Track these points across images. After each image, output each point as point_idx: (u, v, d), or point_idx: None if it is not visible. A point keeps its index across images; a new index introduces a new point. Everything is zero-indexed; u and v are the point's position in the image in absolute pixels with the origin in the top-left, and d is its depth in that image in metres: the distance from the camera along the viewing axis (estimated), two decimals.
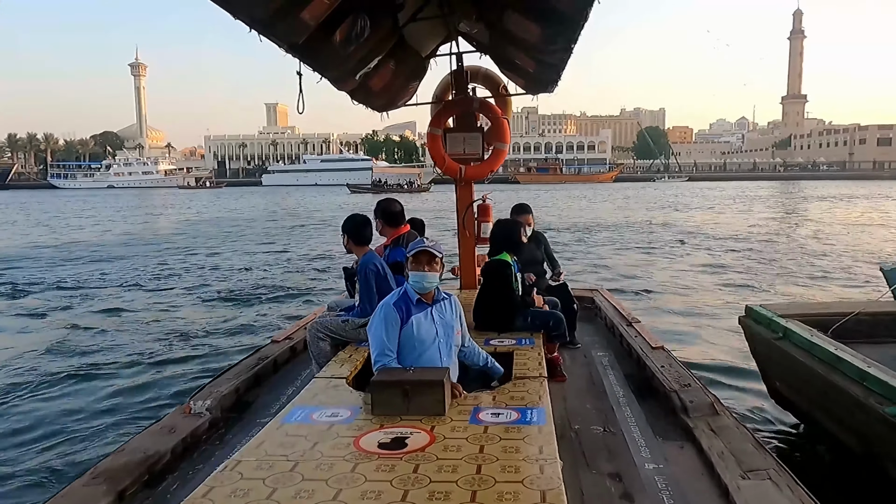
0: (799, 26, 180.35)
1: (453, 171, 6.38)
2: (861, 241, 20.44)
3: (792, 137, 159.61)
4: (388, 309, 3.27)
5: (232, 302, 12.15)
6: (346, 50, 3.91)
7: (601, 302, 6.74)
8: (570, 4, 3.31)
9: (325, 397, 3.16)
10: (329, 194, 72.28)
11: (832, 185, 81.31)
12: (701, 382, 4.17)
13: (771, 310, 5.28)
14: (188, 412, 3.88)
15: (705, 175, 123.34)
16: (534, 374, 3.44)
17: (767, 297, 11.65)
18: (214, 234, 27.03)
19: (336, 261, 17.39)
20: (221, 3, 2.87)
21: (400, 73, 5.49)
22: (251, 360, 4.97)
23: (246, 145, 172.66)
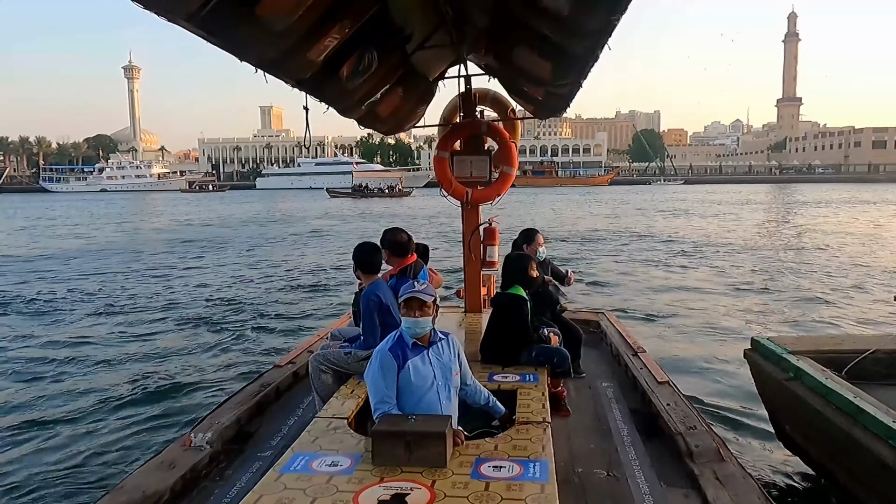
0: (793, 29, 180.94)
1: (460, 195, 6.29)
2: (869, 253, 19.91)
3: (787, 140, 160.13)
4: (384, 355, 3.23)
5: (230, 321, 11.61)
6: (353, 83, 3.89)
7: (607, 327, 6.64)
8: (581, 45, 3.28)
9: (325, 442, 3.13)
10: (321, 199, 72.00)
11: (830, 188, 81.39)
12: (707, 423, 4.12)
13: (780, 344, 4.88)
14: (188, 445, 3.83)
15: (701, 178, 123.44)
16: (537, 418, 3.41)
17: (774, 319, 11.16)
18: (206, 242, 26.57)
19: (326, 274, 16.96)
20: (229, 49, 2.88)
21: (408, 99, 5.43)
22: (253, 386, 4.93)
23: (240, 148, 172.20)
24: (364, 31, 3.58)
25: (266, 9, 2.74)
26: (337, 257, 20.23)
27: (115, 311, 12.63)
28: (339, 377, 4.26)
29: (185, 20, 2.49)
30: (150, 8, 2.29)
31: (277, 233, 31.00)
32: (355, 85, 4.00)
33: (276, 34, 2.93)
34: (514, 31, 4.07)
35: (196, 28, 2.55)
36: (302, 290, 14.92)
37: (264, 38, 2.94)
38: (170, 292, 14.79)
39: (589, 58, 3.47)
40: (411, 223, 33.19)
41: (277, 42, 3.03)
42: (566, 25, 3.12)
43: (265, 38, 2.94)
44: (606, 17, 2.75)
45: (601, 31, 2.95)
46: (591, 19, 2.89)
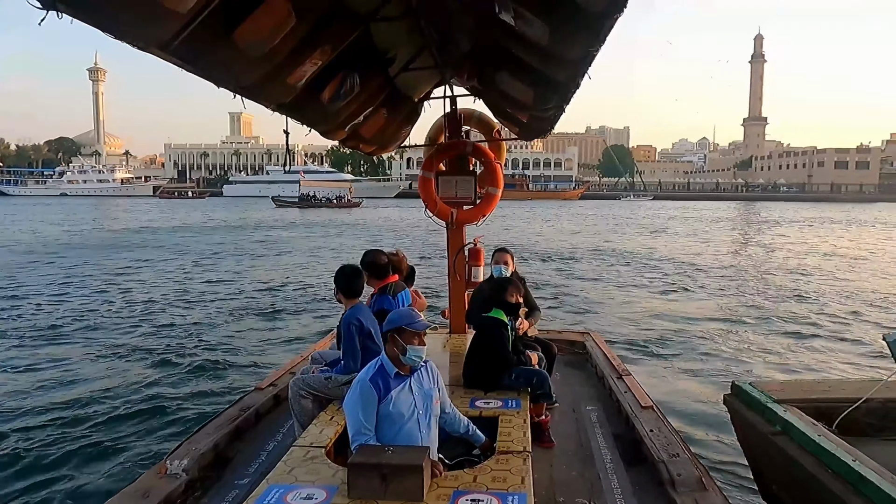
0: (760, 50, 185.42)
1: (445, 215, 6.26)
2: (846, 276, 19.86)
3: (753, 159, 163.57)
4: (365, 386, 3.15)
5: (206, 341, 10.95)
6: (335, 106, 3.83)
7: (592, 348, 6.57)
8: (562, 73, 3.35)
9: (302, 472, 3.08)
10: (267, 207, 70.52)
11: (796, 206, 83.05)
12: (690, 451, 4.09)
13: (764, 391, 4.48)
14: (164, 473, 3.73)
15: (670, 194, 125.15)
16: (518, 447, 3.38)
17: (755, 344, 10.88)
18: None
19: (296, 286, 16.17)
20: (204, 76, 2.84)
21: (392, 120, 5.36)
22: (233, 410, 4.84)
23: (208, 154, 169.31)
24: (346, 54, 3.53)
25: (243, 35, 2.67)
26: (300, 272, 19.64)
27: (85, 327, 11.93)
28: (320, 402, 4.20)
29: (159, 49, 2.46)
30: (123, 38, 2.27)
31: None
32: (337, 108, 3.94)
33: (254, 60, 2.85)
34: (496, 57, 4.09)
35: (171, 56, 2.51)
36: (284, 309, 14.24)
37: (242, 64, 2.87)
38: (128, 307, 14.00)
39: (570, 85, 3.53)
40: (361, 237, 32.96)
41: (255, 68, 2.96)
42: (546, 54, 3.15)
43: (242, 64, 2.87)
44: (584, 47, 2.80)
45: (580, 60, 3.01)
46: (569, 49, 2.93)
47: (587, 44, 2.76)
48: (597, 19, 2.54)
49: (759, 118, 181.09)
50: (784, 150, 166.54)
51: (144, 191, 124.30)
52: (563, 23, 2.75)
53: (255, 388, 5.44)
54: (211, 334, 11.42)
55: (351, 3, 3.51)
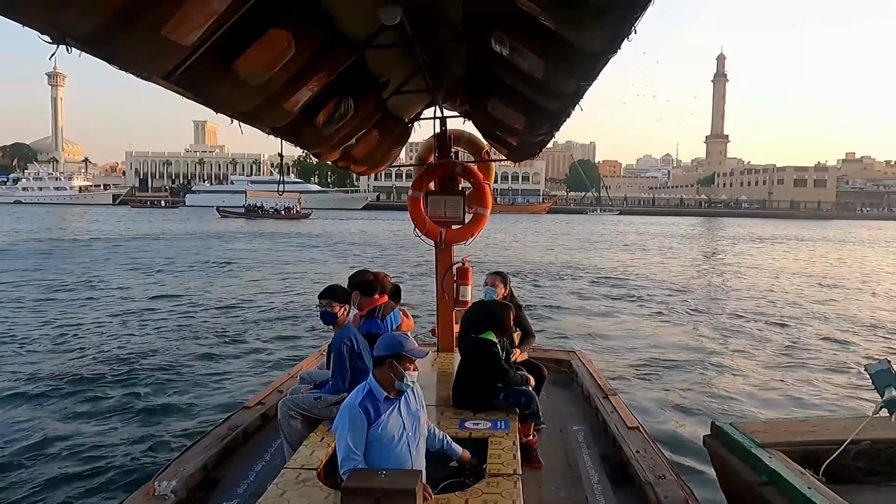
0: (722, 70, 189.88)
1: (434, 235, 6.30)
2: (824, 298, 19.64)
3: (715, 175, 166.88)
4: (354, 411, 3.11)
5: (195, 355, 10.79)
6: (329, 129, 3.90)
7: (578, 367, 6.61)
8: (554, 104, 3.42)
9: (294, 496, 3.07)
10: (212, 218, 68.35)
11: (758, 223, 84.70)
12: (675, 472, 4.11)
13: (746, 433, 4.22)
14: (152, 494, 3.70)
15: (636, 209, 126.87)
16: (508, 470, 3.40)
17: (733, 370, 10.69)
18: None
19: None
20: (203, 102, 2.92)
21: (384, 141, 5.40)
22: (221, 430, 4.80)
23: (171, 163, 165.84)
24: (341, 79, 3.59)
25: (244, 66, 2.75)
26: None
27: (63, 342, 11.67)
28: (309, 422, 4.18)
29: (162, 78, 2.53)
30: (128, 69, 2.35)
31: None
32: (331, 131, 4.00)
33: (253, 88, 2.91)
34: (489, 83, 4.12)
35: (172, 85, 2.58)
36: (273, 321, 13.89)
37: (241, 92, 2.92)
38: (95, 327, 13.28)
39: (562, 114, 3.62)
40: (308, 252, 32.21)
41: (253, 95, 3.01)
42: (540, 86, 3.18)
43: (242, 92, 2.92)
44: (577, 82, 2.88)
45: (573, 93, 3.09)
46: (563, 83, 2.99)
47: (580, 79, 2.83)
48: (593, 58, 2.57)
49: (720, 136, 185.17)
50: (745, 167, 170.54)
51: (103, 199, 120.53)
52: (558, 59, 2.76)
53: (242, 407, 5.40)
54: (195, 352, 11.07)
55: (348, 32, 3.56)
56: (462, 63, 4.51)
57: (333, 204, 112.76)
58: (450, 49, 4.38)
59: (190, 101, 2.97)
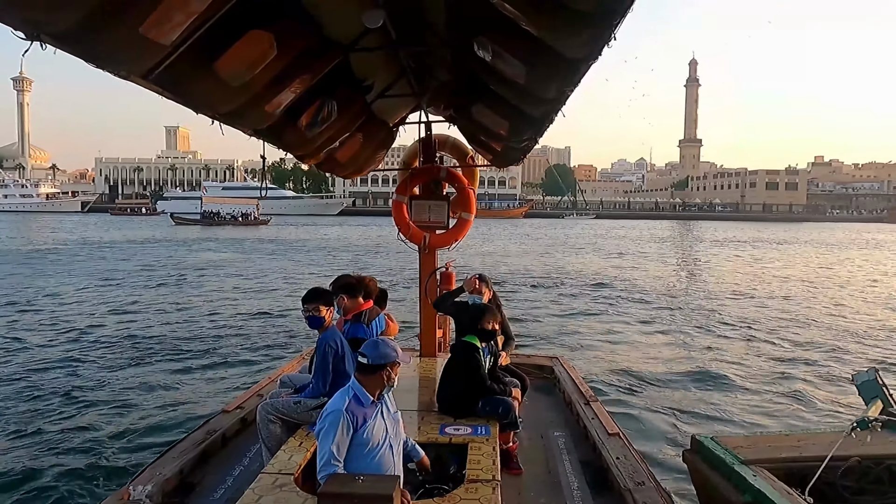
0: (694, 75, 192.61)
1: (417, 239, 6.33)
2: (808, 303, 19.75)
3: (689, 179, 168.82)
4: (340, 417, 3.07)
5: (175, 359, 10.76)
6: (312, 132, 3.89)
7: (560, 373, 6.59)
8: (537, 110, 3.43)
9: (270, 501, 3.03)
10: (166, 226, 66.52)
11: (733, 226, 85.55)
12: (655, 479, 4.11)
13: (728, 448, 4.08)
14: (126, 499, 3.64)
15: (611, 213, 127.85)
16: (487, 476, 3.40)
17: (715, 378, 10.63)
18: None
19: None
20: (183, 103, 2.89)
21: (368, 145, 5.40)
22: (199, 434, 4.75)
23: (142, 169, 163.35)
24: (324, 82, 3.58)
25: (225, 66, 2.72)
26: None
27: (44, 343, 11.60)
28: (289, 427, 4.16)
29: (141, 77, 2.49)
30: (105, 68, 2.31)
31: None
32: (314, 133, 3.98)
33: (235, 89, 2.88)
34: (473, 89, 4.13)
35: (152, 85, 2.54)
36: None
37: (222, 93, 2.89)
38: (75, 330, 13.24)
39: (545, 120, 3.64)
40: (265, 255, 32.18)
41: (235, 96, 2.99)
42: (523, 91, 3.20)
43: (223, 93, 2.89)
44: (560, 88, 2.91)
45: (555, 99, 3.11)
46: (545, 89, 3.00)
47: (563, 85, 2.86)
48: (574, 64, 2.60)
49: (694, 140, 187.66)
50: (718, 170, 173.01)
51: (72, 207, 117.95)
52: (541, 65, 2.77)
53: (221, 411, 5.34)
54: (173, 358, 10.95)
55: (331, 34, 3.53)
56: (447, 68, 4.51)
57: (308, 210, 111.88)
58: (434, 53, 4.38)
59: (163, 104, 2.96)
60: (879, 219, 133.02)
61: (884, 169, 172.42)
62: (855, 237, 66.33)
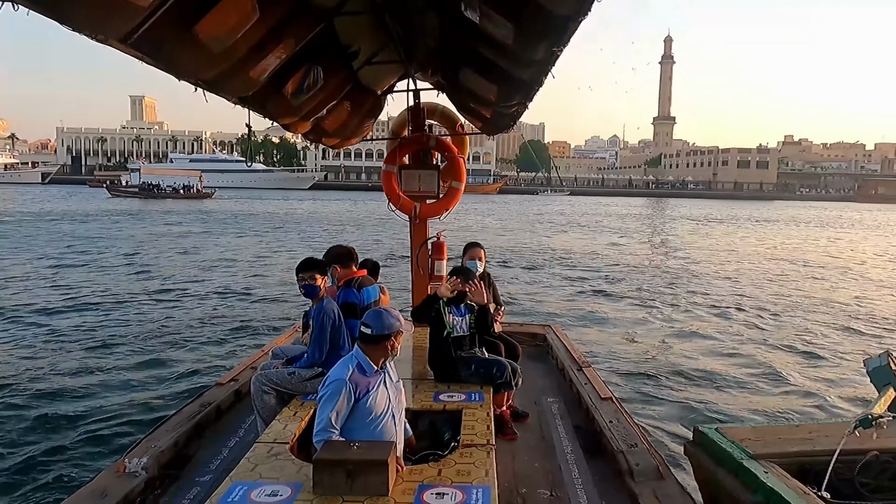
0: (669, 52, 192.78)
1: (408, 209, 6.32)
2: (802, 283, 19.37)
3: (662, 156, 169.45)
4: (344, 386, 3.08)
5: (169, 334, 10.66)
6: (298, 100, 3.86)
7: (553, 340, 6.67)
8: (526, 72, 3.41)
9: (265, 469, 3.08)
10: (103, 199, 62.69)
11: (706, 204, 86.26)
12: (647, 441, 4.19)
13: (734, 441, 3.77)
14: (122, 471, 3.65)
15: (586, 190, 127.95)
16: (482, 440, 3.45)
17: (711, 352, 10.54)
18: None
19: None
20: (165, 69, 2.85)
21: (355, 113, 5.34)
22: (193, 406, 4.74)
23: (106, 140, 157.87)
24: (309, 48, 3.54)
25: (205, 30, 2.68)
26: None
27: (35, 315, 11.57)
28: (282, 398, 4.19)
29: (119, 42, 2.46)
30: (81, 30, 2.26)
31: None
32: (300, 101, 3.96)
33: (216, 55, 2.84)
34: (461, 54, 4.14)
35: (131, 49, 2.50)
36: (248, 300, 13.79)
37: (204, 58, 2.85)
38: (71, 301, 13.20)
39: (534, 83, 3.60)
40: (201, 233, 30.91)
41: (217, 62, 2.95)
42: (511, 54, 3.19)
43: (205, 58, 2.85)
44: (548, 48, 2.84)
45: (544, 61, 3.07)
46: (534, 51, 2.95)
47: (551, 44, 2.80)
48: (562, 21, 2.57)
49: (667, 117, 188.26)
50: (691, 148, 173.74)
51: (32, 178, 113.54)
52: (529, 23, 2.73)
53: (215, 384, 5.36)
54: (167, 330, 10.98)
55: None
56: (434, 33, 4.46)
57: (279, 184, 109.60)
58: (421, 18, 4.30)
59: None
60: (847, 198, 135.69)
61: (851, 149, 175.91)
62: (836, 215, 67.10)
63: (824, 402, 8.21)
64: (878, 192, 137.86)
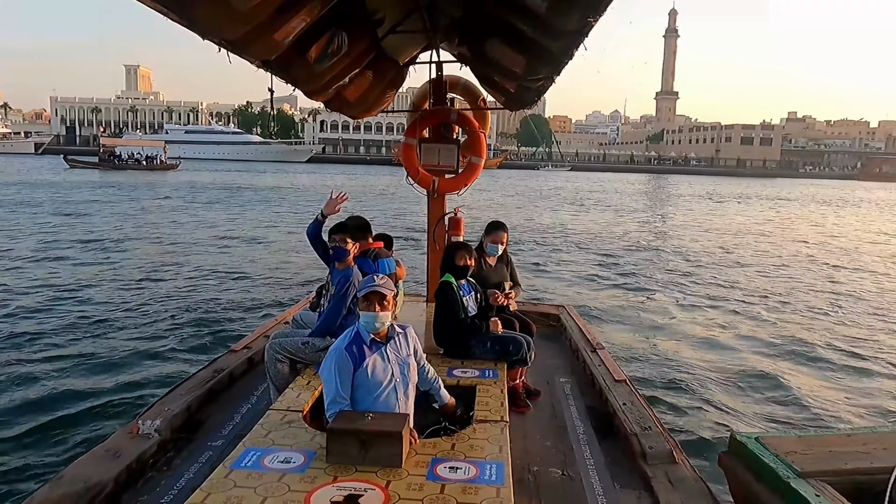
0: (673, 25, 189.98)
1: (427, 183, 6.23)
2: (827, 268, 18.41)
3: (665, 132, 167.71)
4: (340, 354, 3.15)
5: (181, 304, 10.70)
6: (321, 66, 3.83)
7: (566, 320, 6.66)
8: (556, 44, 3.27)
9: (279, 436, 3.09)
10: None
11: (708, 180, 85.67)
12: (661, 424, 4.18)
13: (780, 455, 3.20)
14: (135, 433, 3.74)
15: (587, 165, 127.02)
16: (495, 417, 3.45)
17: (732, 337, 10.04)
18: None
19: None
20: (189, 26, 2.75)
21: (377, 83, 5.35)
22: (206, 372, 4.83)
23: (100, 110, 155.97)
24: (334, 13, 3.44)
25: None
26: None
27: (59, 292, 11.32)
28: (295, 367, 4.23)
29: None
30: None
31: None
32: (323, 68, 3.89)
33: (241, 14, 2.72)
34: (488, 24, 4.05)
35: (155, 3, 2.41)
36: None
37: (228, 17, 2.74)
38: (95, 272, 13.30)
39: (563, 56, 3.42)
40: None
41: (242, 22, 2.84)
42: (542, 24, 3.09)
43: (229, 17, 2.74)
44: (583, 17, 2.74)
45: (577, 31, 2.94)
46: (567, 20, 2.86)
47: (586, 12, 2.66)
48: None
49: (671, 92, 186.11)
50: (694, 124, 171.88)
51: (24, 148, 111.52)
52: None
53: (229, 351, 5.43)
54: (183, 298, 11.15)
55: None
56: (461, 1, 4.43)
57: (275, 156, 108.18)
58: None
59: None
60: (850, 176, 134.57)
61: (854, 126, 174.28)
62: (857, 195, 66.00)
63: (869, 402, 7.36)
64: (883, 171, 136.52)
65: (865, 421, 6.86)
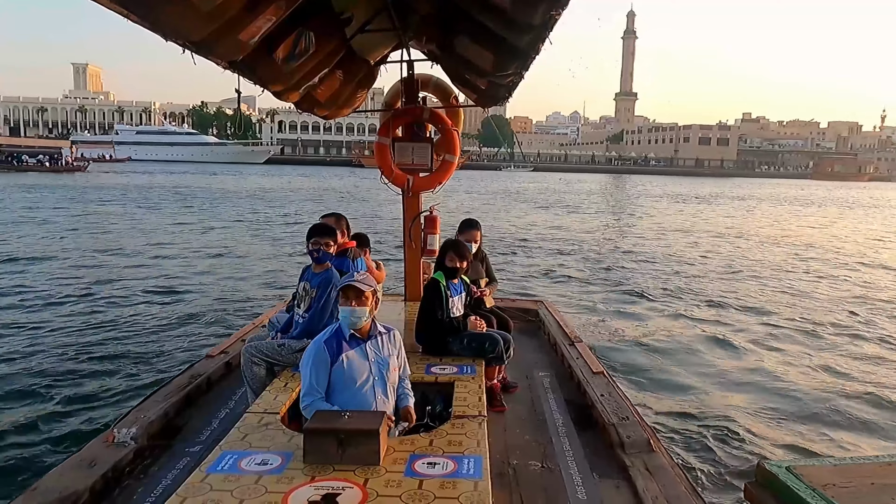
0: (632, 27, 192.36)
1: (401, 182, 6.27)
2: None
3: (624, 133, 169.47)
4: (319, 347, 3.20)
5: (160, 307, 10.66)
6: (289, 66, 3.83)
7: (545, 315, 6.72)
8: (522, 39, 3.35)
9: (255, 439, 3.06)
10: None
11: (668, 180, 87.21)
12: (638, 414, 4.24)
13: (818, 489, 2.73)
14: (111, 441, 3.69)
15: (549, 166, 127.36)
16: (473, 412, 3.45)
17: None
18: None
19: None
20: (152, 28, 2.72)
21: (348, 83, 5.38)
22: (183, 378, 4.81)
23: (46, 110, 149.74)
24: (301, 12, 3.45)
25: None
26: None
27: (22, 294, 11.16)
28: (272, 369, 4.21)
29: None
30: None
31: None
32: (292, 68, 3.91)
33: (206, 14, 2.72)
34: (456, 21, 4.11)
35: (116, 6, 2.40)
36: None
37: (192, 17, 2.74)
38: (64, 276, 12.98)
39: (531, 51, 3.50)
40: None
41: (206, 22, 2.83)
42: (508, 19, 3.14)
43: (193, 17, 2.74)
44: (546, 11, 2.78)
45: (542, 25, 2.99)
46: (531, 13, 2.90)
47: (549, 7, 2.74)
48: None
49: (629, 93, 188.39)
50: (653, 125, 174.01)
51: None
52: None
53: (205, 356, 5.38)
54: (156, 303, 10.99)
55: None
56: (429, 0, 4.53)
57: (232, 157, 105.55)
58: None
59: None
60: (803, 175, 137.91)
61: (805, 127, 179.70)
62: (820, 195, 67.09)
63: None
64: (835, 170, 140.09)
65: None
